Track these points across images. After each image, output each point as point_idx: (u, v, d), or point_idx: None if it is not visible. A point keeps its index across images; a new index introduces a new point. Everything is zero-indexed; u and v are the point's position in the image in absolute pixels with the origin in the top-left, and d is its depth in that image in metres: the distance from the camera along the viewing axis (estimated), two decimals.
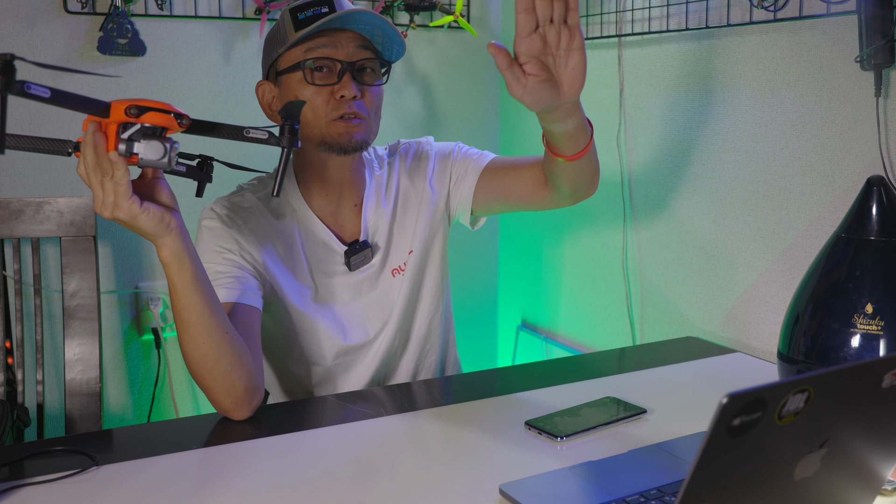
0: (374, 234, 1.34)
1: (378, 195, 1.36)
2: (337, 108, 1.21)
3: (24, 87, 0.85)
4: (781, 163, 1.46)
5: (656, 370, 1.36)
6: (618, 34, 1.79)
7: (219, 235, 1.24)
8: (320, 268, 1.31)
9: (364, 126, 1.24)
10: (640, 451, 1.01)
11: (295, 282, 1.29)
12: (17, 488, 0.93)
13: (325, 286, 1.31)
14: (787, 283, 1.46)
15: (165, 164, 0.96)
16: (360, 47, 1.23)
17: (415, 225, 1.37)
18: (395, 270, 1.36)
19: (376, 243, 1.34)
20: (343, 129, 1.22)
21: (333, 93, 1.21)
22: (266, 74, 1.30)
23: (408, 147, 1.43)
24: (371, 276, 1.34)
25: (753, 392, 0.52)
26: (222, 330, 1.07)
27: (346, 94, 1.20)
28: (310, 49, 1.21)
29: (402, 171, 1.39)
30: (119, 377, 1.93)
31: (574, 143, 1.13)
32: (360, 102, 1.23)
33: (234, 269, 1.22)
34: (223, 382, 1.09)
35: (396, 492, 0.94)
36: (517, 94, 0.96)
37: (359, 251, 1.31)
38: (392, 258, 1.36)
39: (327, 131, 1.22)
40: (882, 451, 0.69)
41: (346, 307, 1.33)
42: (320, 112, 1.22)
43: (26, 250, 1.68)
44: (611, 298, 1.90)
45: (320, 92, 1.22)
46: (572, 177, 1.21)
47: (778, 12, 1.41)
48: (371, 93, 1.25)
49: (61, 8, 1.73)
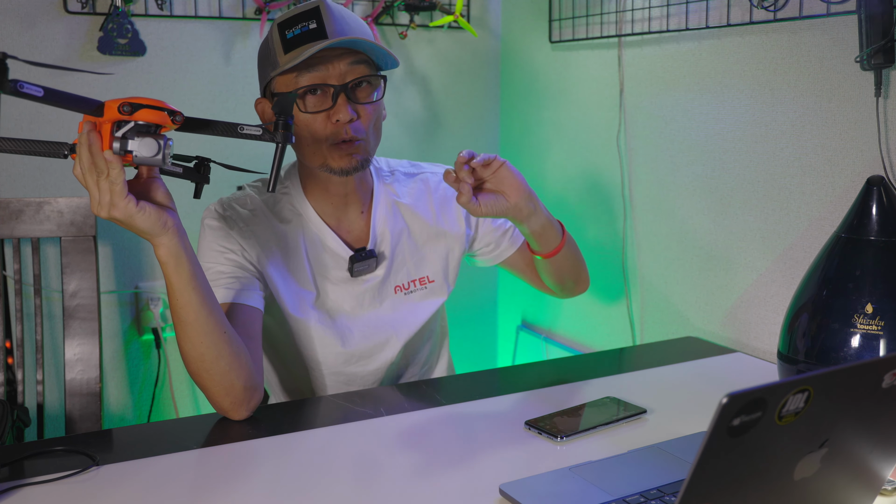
0: (380, 243, 1.33)
1: (389, 206, 1.34)
2: (335, 133, 1.20)
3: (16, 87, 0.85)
4: (781, 163, 1.46)
5: (656, 370, 1.36)
6: (618, 34, 1.79)
7: (221, 235, 1.24)
8: (324, 273, 1.30)
9: (363, 146, 1.22)
10: (640, 451, 1.01)
11: (296, 287, 1.29)
12: (17, 488, 0.93)
13: (326, 291, 1.31)
14: (787, 283, 1.46)
15: (160, 161, 0.96)
16: (352, 64, 1.20)
17: (444, 256, 1.38)
18: (400, 287, 1.35)
19: (382, 253, 1.33)
20: (343, 153, 1.21)
21: (329, 117, 1.19)
22: (263, 92, 1.28)
23: (438, 177, 1.41)
24: (374, 287, 1.32)
25: (753, 392, 0.52)
26: (220, 329, 1.07)
27: (342, 119, 1.18)
28: (300, 75, 1.18)
29: (430, 198, 1.39)
30: (119, 377, 1.93)
31: (545, 242, 1.28)
32: (356, 124, 1.20)
33: (235, 269, 1.22)
34: (221, 382, 1.09)
35: (396, 492, 0.94)
36: (470, 208, 1.15)
37: (363, 259, 1.29)
38: (399, 274, 1.34)
39: (328, 156, 1.21)
40: (882, 451, 0.69)
41: (348, 316, 1.32)
42: (319, 136, 1.20)
43: (26, 250, 1.68)
44: (610, 298, 1.90)
45: (316, 117, 1.20)
46: (553, 273, 1.36)
47: (778, 12, 1.41)
48: (367, 110, 1.22)
49: (61, 8, 1.73)
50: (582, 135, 1.95)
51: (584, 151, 1.95)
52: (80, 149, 0.95)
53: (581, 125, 1.95)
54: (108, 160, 0.94)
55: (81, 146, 0.95)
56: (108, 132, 0.95)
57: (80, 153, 0.95)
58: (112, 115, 0.94)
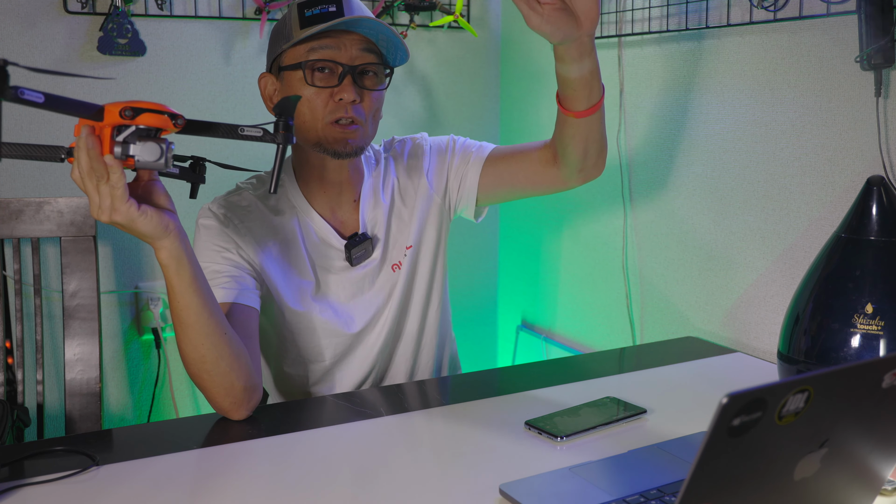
0: (372, 227, 1.34)
1: (375, 190, 1.36)
2: (335, 111, 1.21)
3: (17, 93, 0.84)
4: (781, 163, 1.46)
5: (656, 370, 1.36)
6: (618, 34, 1.79)
7: (216, 234, 1.24)
8: (322, 263, 1.31)
9: (360, 132, 1.24)
10: (640, 451, 1.01)
11: (295, 279, 1.29)
12: (17, 488, 0.93)
13: (326, 282, 1.31)
14: (787, 283, 1.46)
15: (162, 165, 0.96)
16: (363, 50, 1.23)
17: (411, 219, 1.37)
18: (395, 266, 1.36)
19: (375, 235, 1.34)
20: (339, 134, 1.22)
21: (333, 95, 1.21)
22: (269, 67, 1.29)
23: (402, 143, 1.43)
24: (372, 271, 1.33)
25: (753, 392, 0.52)
26: (220, 331, 1.07)
27: (346, 98, 1.20)
28: (313, 49, 1.21)
29: (399, 167, 1.39)
30: (119, 377, 1.93)
31: (588, 93, 1.17)
32: (358, 107, 1.22)
33: (231, 269, 1.22)
34: (221, 383, 1.08)
35: (396, 492, 0.94)
36: (535, 24, 1.03)
37: (359, 243, 1.30)
38: (392, 253, 1.36)
39: (323, 134, 1.22)
40: (882, 451, 0.69)
41: (346, 304, 1.33)
42: (318, 113, 1.22)
43: (26, 250, 1.68)
44: (610, 298, 1.90)
45: (320, 93, 1.21)
46: (583, 139, 1.23)
47: (778, 12, 1.41)
48: (371, 97, 1.24)
49: (61, 8, 1.73)
50: None
51: None
52: (78, 153, 0.94)
53: None
54: (109, 164, 0.93)
55: (80, 150, 0.93)
56: (108, 136, 0.94)
57: (79, 157, 0.94)
58: (113, 120, 0.94)
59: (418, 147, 1.41)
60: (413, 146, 1.42)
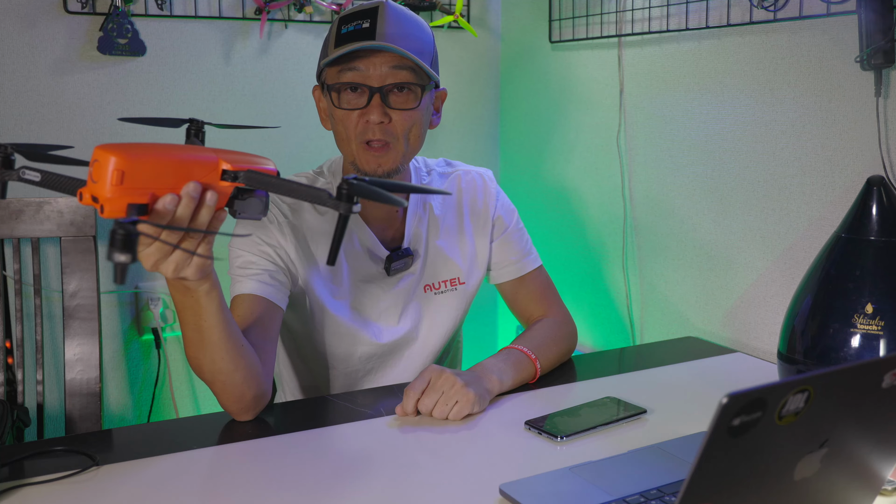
0: (415, 241, 1.34)
1: (424, 206, 1.36)
2: (364, 132, 1.20)
3: (20, 175, 0.87)
4: (781, 163, 1.46)
5: (656, 370, 1.36)
6: (618, 34, 1.79)
7: (259, 226, 1.24)
8: (360, 270, 1.31)
9: (392, 153, 1.22)
10: (640, 451, 1.01)
11: (331, 282, 1.30)
12: (17, 488, 0.93)
13: (361, 289, 1.31)
14: (787, 283, 1.46)
15: (258, 218, 0.91)
16: (394, 68, 1.19)
17: (471, 257, 1.39)
18: (430, 287, 1.36)
19: (416, 251, 1.34)
20: (371, 157, 1.21)
21: (361, 116, 1.20)
22: (318, 78, 1.29)
23: (470, 176, 1.42)
24: (409, 285, 1.34)
25: (753, 392, 0.52)
26: (238, 345, 1.06)
27: (372, 119, 1.19)
28: (342, 71, 1.20)
29: (460, 198, 1.40)
30: (119, 377, 1.93)
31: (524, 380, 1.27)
32: (387, 128, 1.20)
33: (266, 263, 1.22)
34: (233, 392, 1.09)
35: (396, 491, 0.94)
36: None
37: (400, 257, 1.31)
38: (430, 273, 1.36)
39: (357, 154, 1.22)
40: (882, 451, 0.69)
41: (381, 313, 1.33)
42: (351, 133, 1.21)
43: (26, 250, 1.68)
44: (611, 298, 1.90)
45: (350, 114, 1.21)
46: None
47: (778, 12, 1.41)
48: (402, 116, 1.21)
49: (61, 8, 1.73)
50: (582, 135, 1.95)
51: (584, 151, 1.95)
52: (184, 202, 0.83)
53: (581, 125, 1.95)
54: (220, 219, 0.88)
55: (187, 199, 0.83)
56: (227, 193, 0.87)
57: (183, 205, 0.83)
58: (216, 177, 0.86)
59: (487, 192, 1.42)
60: (483, 188, 1.42)
